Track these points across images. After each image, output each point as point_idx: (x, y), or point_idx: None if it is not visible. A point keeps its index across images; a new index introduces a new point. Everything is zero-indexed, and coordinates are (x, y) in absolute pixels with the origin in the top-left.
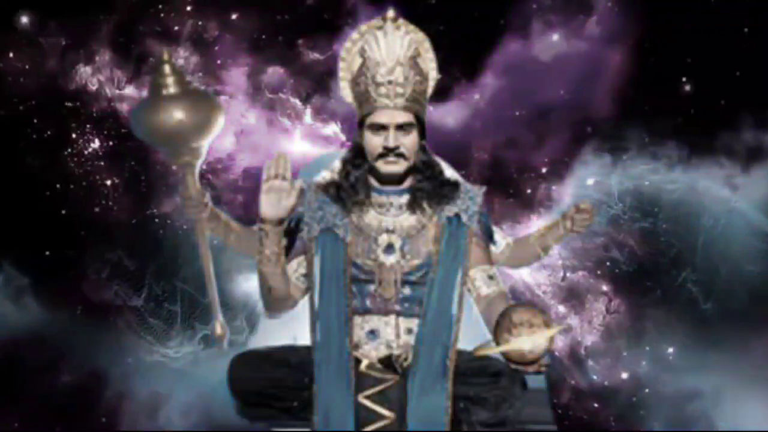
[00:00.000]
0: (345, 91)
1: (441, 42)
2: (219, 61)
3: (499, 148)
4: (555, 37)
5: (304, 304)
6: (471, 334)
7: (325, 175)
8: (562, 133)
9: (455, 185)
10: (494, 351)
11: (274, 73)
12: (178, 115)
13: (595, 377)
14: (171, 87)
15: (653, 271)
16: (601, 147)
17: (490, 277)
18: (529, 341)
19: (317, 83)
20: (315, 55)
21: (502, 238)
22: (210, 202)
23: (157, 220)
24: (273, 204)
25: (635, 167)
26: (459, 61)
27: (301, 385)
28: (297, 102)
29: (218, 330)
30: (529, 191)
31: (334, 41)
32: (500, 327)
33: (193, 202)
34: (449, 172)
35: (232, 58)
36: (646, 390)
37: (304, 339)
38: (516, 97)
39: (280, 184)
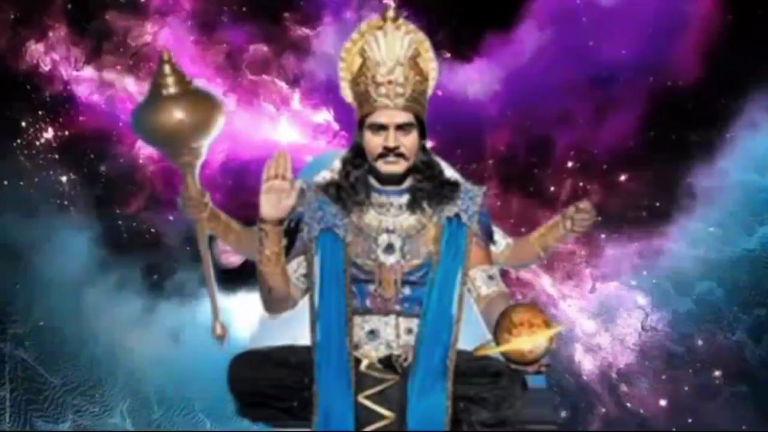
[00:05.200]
0: (345, 91)
1: None
2: (192, 38)
3: (551, 126)
4: None
5: (304, 304)
6: (471, 334)
7: (325, 175)
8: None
9: (455, 185)
10: (494, 351)
11: (257, 51)
12: (178, 115)
13: (628, 404)
14: (171, 87)
15: None
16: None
17: (490, 277)
18: (529, 341)
19: (307, 63)
20: (304, 31)
21: (502, 238)
22: (210, 202)
23: None
24: (273, 204)
25: None
26: (488, 9)
27: (301, 385)
28: (283, 85)
29: (218, 330)
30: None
31: (325, 14)
32: (500, 327)
33: (193, 202)
34: (449, 172)
35: (208, 35)
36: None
37: (304, 339)
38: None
39: (280, 184)
